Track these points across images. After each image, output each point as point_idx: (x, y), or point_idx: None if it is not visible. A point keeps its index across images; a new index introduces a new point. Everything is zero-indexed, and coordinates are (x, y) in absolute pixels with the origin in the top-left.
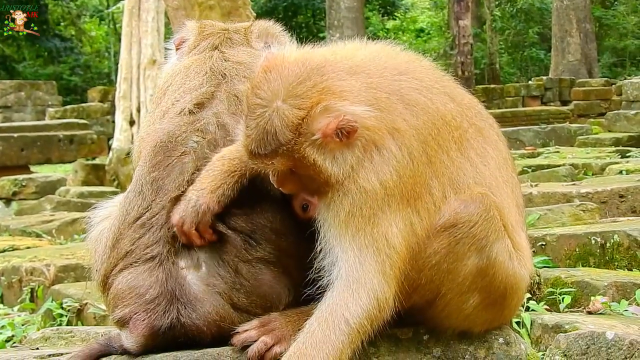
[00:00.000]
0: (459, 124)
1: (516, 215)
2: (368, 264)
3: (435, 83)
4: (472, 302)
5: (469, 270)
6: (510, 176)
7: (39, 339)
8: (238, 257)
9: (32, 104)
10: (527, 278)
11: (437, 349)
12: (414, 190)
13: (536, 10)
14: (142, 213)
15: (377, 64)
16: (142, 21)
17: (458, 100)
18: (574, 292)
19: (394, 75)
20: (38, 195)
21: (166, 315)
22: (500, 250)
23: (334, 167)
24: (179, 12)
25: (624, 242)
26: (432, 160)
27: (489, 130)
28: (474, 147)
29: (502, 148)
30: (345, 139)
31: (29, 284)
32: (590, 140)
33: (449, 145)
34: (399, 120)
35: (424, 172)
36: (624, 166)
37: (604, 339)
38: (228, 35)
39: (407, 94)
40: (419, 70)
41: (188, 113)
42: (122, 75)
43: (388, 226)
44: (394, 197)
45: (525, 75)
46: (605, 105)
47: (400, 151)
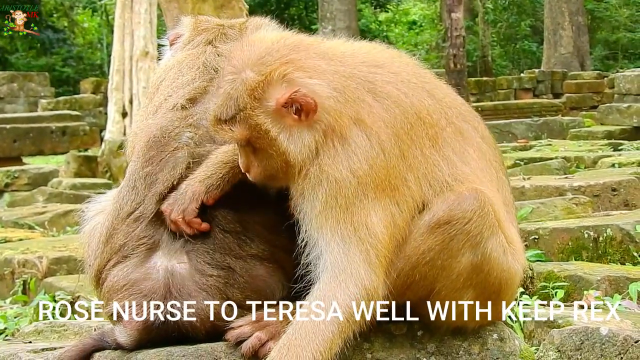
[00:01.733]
0: (435, 122)
1: (504, 209)
2: (352, 253)
3: (414, 78)
4: (466, 298)
5: (463, 266)
6: (495, 176)
7: (32, 332)
8: (232, 254)
9: (25, 96)
10: (520, 272)
11: (432, 345)
12: (389, 181)
13: (528, 2)
14: (135, 207)
15: (355, 56)
16: (135, 13)
17: (438, 97)
18: (567, 286)
19: (369, 67)
20: (30, 186)
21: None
22: (495, 246)
23: (290, 144)
24: (172, 4)
25: (616, 236)
26: (405, 155)
27: (471, 132)
28: (451, 146)
29: (485, 150)
30: (304, 118)
31: (21, 276)
32: (583, 133)
33: (423, 142)
34: (365, 111)
35: (398, 164)
36: (617, 159)
37: (598, 334)
38: (223, 31)
39: (379, 86)
40: (397, 64)
41: (181, 108)
42: (114, 67)
43: (367, 215)
44: (369, 187)
45: (518, 68)
46: (597, 98)
47: (369, 141)
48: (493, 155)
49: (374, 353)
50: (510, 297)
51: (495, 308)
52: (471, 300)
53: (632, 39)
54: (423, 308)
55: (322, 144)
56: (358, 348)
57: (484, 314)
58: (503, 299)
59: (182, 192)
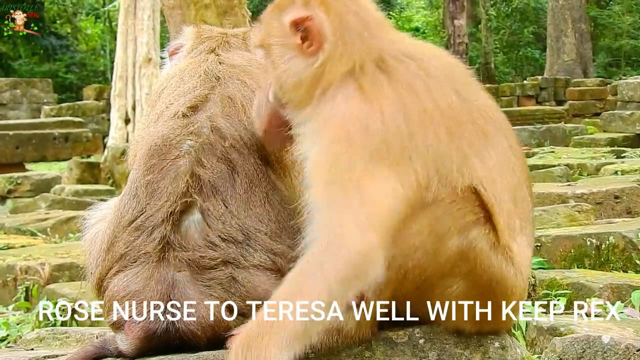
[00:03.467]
0: (454, 115)
1: (515, 221)
2: (342, 216)
3: (443, 75)
4: (456, 287)
5: (450, 251)
6: (514, 186)
7: (34, 339)
8: (234, 264)
9: (28, 102)
10: (518, 282)
11: (433, 353)
12: (389, 152)
13: (531, 9)
14: (136, 216)
15: (389, 33)
16: (138, 19)
17: (465, 97)
18: (569, 294)
19: (399, 53)
20: (33, 193)
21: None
22: (480, 236)
23: (283, 63)
24: (175, 11)
25: (619, 244)
26: (414, 134)
27: (498, 137)
28: (469, 141)
29: (512, 160)
30: (306, 47)
31: (24, 283)
32: (585, 141)
33: (437, 129)
34: (369, 80)
35: (401, 140)
36: (619, 167)
37: (600, 343)
38: (225, 39)
39: (398, 75)
40: (429, 59)
41: (182, 116)
42: (117, 73)
43: (360, 178)
44: (365, 151)
45: (521, 75)
46: (600, 105)
47: (370, 107)
48: (520, 169)
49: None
50: (507, 303)
51: (494, 314)
52: (462, 291)
53: (635, 46)
54: (418, 301)
55: (318, 89)
56: (359, 356)
57: (483, 316)
58: (498, 302)
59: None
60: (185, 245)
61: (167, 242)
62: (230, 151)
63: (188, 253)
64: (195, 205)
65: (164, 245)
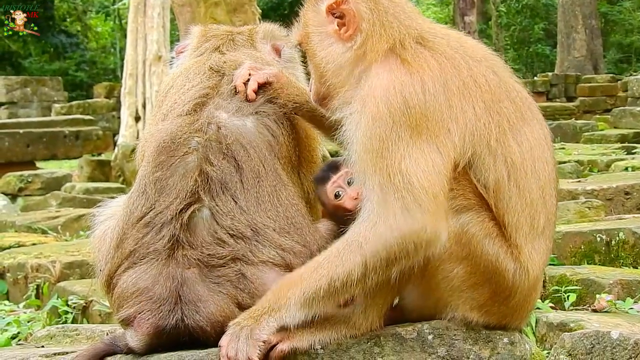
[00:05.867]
0: (493, 91)
1: (540, 220)
2: (389, 202)
3: (481, 56)
4: (456, 272)
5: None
6: (546, 180)
7: (45, 336)
8: (243, 260)
9: (38, 100)
10: (521, 280)
11: (442, 349)
12: (427, 126)
13: (542, 6)
14: (145, 212)
15: (428, 22)
16: (148, 17)
17: (503, 78)
18: (579, 290)
19: (438, 32)
20: (44, 191)
21: (171, 315)
22: (471, 222)
23: (321, 51)
24: (185, 8)
25: (629, 240)
26: (452, 105)
27: (535, 123)
28: (507, 117)
29: (545, 147)
30: (343, 32)
31: (35, 281)
32: (596, 137)
33: (475, 101)
34: (410, 53)
35: (441, 111)
36: (630, 163)
37: (609, 338)
38: (231, 37)
39: (438, 48)
40: (470, 45)
41: (188, 113)
42: (127, 71)
43: (402, 160)
44: (404, 127)
45: (531, 71)
46: (611, 101)
47: (410, 77)
48: (552, 163)
49: (384, 357)
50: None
51: (498, 306)
52: (462, 277)
53: None
54: (421, 285)
55: (359, 69)
56: (368, 352)
57: (480, 301)
58: (498, 292)
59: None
60: (194, 243)
61: (177, 240)
62: (236, 147)
63: (196, 251)
64: (204, 201)
65: (173, 243)
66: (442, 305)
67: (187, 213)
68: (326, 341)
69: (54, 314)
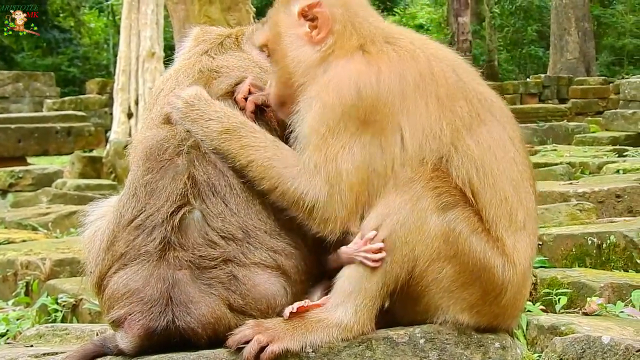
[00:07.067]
0: (449, 88)
1: (518, 214)
2: (317, 182)
3: (443, 56)
4: (445, 272)
5: (434, 232)
6: (517, 178)
7: (34, 335)
8: (234, 262)
9: (30, 95)
10: (510, 276)
11: (434, 353)
12: (376, 118)
13: (535, 8)
14: (136, 215)
15: (395, 27)
16: (142, 13)
17: (463, 78)
18: (570, 293)
19: (405, 34)
20: (34, 187)
21: (162, 316)
22: (457, 218)
23: (292, 52)
24: (179, 6)
25: (620, 243)
26: (405, 95)
27: (495, 124)
28: (460, 117)
29: (510, 148)
30: (315, 35)
31: (24, 278)
32: (588, 139)
33: (429, 97)
34: (375, 48)
35: (392, 103)
36: (621, 165)
37: (600, 343)
38: (220, 41)
39: (400, 41)
40: (433, 46)
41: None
42: (120, 67)
43: (340, 149)
44: (352, 119)
45: (524, 73)
46: (603, 103)
47: (368, 67)
48: (522, 163)
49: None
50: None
51: (489, 305)
52: (451, 276)
53: (638, 45)
54: (412, 288)
55: (324, 65)
56: (360, 355)
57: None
58: (488, 291)
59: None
60: (185, 244)
61: (168, 242)
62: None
63: (188, 253)
64: (194, 204)
65: (165, 245)
66: (432, 308)
67: (178, 215)
68: (317, 343)
69: (43, 312)
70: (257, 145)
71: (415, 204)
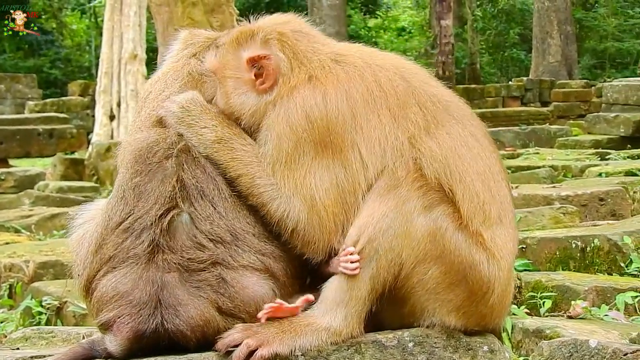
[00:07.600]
0: (399, 97)
1: (491, 209)
2: (295, 206)
3: (390, 65)
4: (431, 273)
5: (420, 232)
6: (485, 173)
7: (19, 338)
8: (223, 265)
9: (12, 97)
10: (495, 272)
11: (422, 356)
12: (332, 140)
13: (517, 11)
14: (124, 218)
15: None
16: (124, 15)
17: (412, 83)
18: (554, 296)
19: (353, 50)
20: (17, 189)
21: (150, 319)
22: (443, 215)
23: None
24: (162, 8)
25: (604, 246)
26: (355, 113)
27: (452, 123)
28: (414, 122)
29: (473, 145)
30: (259, 84)
31: (8, 280)
32: (570, 142)
33: (380, 110)
34: (323, 71)
35: (344, 124)
36: (604, 169)
37: (587, 347)
38: (208, 44)
39: (350, 61)
40: (380, 57)
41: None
42: (102, 69)
43: (307, 173)
44: (307, 143)
45: (506, 76)
46: (585, 107)
47: (314, 93)
48: (488, 158)
49: None
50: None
51: (476, 306)
52: (438, 277)
53: (620, 48)
54: (399, 292)
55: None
56: (349, 359)
57: (458, 303)
58: (475, 291)
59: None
60: (174, 247)
61: (156, 245)
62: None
63: (176, 255)
64: (183, 207)
65: (153, 247)
66: (418, 311)
67: (167, 218)
68: (307, 347)
69: (27, 314)
70: (246, 159)
71: (401, 207)
